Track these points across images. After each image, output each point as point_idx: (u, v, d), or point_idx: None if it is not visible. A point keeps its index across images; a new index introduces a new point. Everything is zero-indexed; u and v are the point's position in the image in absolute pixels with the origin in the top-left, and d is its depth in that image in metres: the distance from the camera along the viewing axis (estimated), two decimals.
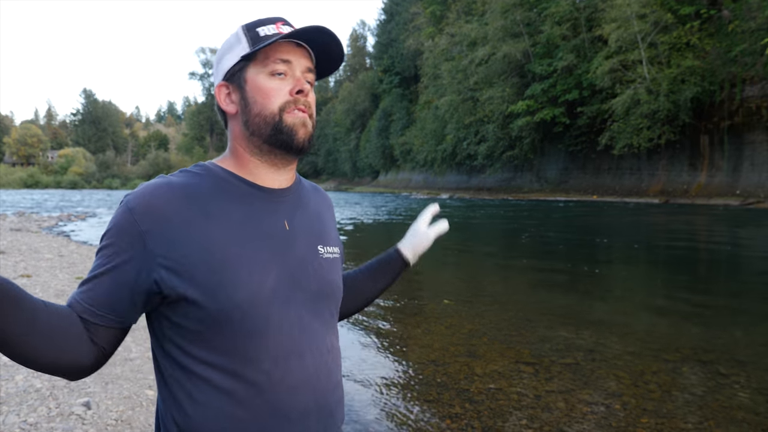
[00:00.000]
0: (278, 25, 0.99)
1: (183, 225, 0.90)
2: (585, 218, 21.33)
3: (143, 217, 0.89)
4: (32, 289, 6.56)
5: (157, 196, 0.91)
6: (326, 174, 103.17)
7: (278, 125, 0.96)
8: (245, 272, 0.91)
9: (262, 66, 0.97)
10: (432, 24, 61.89)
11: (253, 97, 0.97)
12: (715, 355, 4.48)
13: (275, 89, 0.97)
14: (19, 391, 3.31)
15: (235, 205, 0.96)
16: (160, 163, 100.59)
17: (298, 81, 0.98)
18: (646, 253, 11.59)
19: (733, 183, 30.52)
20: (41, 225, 17.75)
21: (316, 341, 0.99)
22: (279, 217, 1.00)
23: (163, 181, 0.94)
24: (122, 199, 0.93)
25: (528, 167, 47.88)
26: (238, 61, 0.98)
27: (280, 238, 0.98)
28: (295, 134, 0.97)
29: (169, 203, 0.91)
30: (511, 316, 5.88)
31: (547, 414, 3.39)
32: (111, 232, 0.91)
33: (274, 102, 0.97)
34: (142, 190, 0.92)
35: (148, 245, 0.88)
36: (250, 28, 0.99)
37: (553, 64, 41.26)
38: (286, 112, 0.97)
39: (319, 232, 1.07)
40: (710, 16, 33.14)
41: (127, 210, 0.90)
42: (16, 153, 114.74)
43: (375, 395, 3.81)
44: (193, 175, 0.98)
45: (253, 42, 0.97)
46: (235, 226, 0.93)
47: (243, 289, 0.90)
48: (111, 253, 0.90)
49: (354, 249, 12.19)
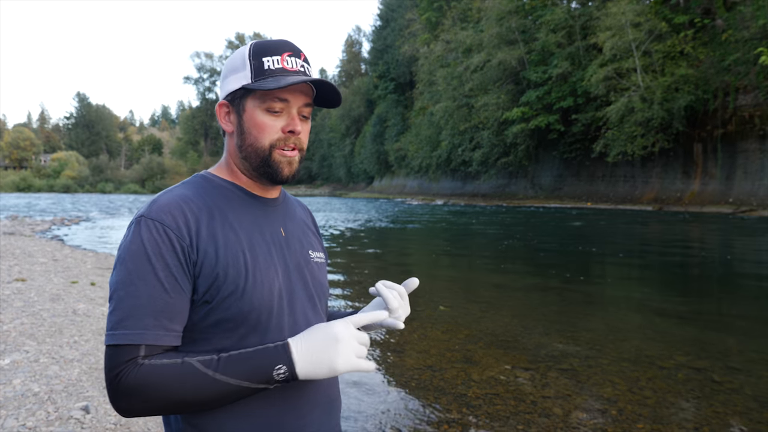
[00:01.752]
0: (284, 57, 1.00)
1: (211, 236, 0.95)
2: (579, 225, 21.42)
3: (179, 232, 0.92)
4: (27, 293, 6.54)
5: (183, 210, 0.95)
6: (321, 179, 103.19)
7: (266, 159, 1.01)
8: (259, 277, 0.97)
9: (260, 101, 1.00)
10: (427, 30, 62.18)
11: (249, 129, 1.01)
12: (709, 362, 4.52)
13: (269, 126, 1.00)
14: (17, 395, 3.31)
15: (243, 214, 1.01)
16: (153, 167, 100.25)
17: (292, 120, 1.01)
18: (640, 261, 11.66)
19: (726, 191, 30.75)
20: (34, 229, 17.66)
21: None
22: (276, 224, 1.07)
23: (179, 196, 0.97)
24: (137, 217, 0.94)
25: (522, 174, 48.08)
26: (239, 87, 1.00)
27: (280, 243, 1.05)
28: (280, 172, 1.02)
29: (194, 216, 0.95)
30: (507, 322, 5.91)
31: (543, 419, 3.41)
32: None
33: (267, 138, 1.00)
34: (164, 205, 0.94)
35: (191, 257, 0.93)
36: (256, 55, 1.00)
37: (548, 71, 41.54)
38: (276, 149, 1.01)
39: (307, 238, 1.14)
40: (704, 25, 33.50)
41: (159, 225, 0.92)
42: (9, 156, 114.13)
43: (372, 400, 3.82)
44: (199, 185, 1.02)
45: (256, 73, 0.99)
46: (247, 233, 0.99)
47: (259, 292, 0.96)
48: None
49: (345, 257, 12.20)
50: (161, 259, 0.90)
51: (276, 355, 0.88)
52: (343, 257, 11.66)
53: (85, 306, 5.98)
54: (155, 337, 0.88)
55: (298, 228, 1.13)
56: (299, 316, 1.02)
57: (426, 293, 7.54)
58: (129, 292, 0.88)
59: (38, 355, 4.14)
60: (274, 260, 1.01)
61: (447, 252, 13.01)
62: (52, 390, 3.42)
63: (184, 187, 1.01)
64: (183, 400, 0.86)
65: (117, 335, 0.87)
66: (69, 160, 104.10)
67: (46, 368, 3.84)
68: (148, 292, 0.88)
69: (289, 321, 1.00)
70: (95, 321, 5.37)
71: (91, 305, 6.06)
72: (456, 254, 12.53)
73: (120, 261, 0.91)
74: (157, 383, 0.85)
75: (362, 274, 9.41)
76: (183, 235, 0.92)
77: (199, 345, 0.94)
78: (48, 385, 3.51)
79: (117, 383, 0.86)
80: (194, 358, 0.87)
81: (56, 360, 4.05)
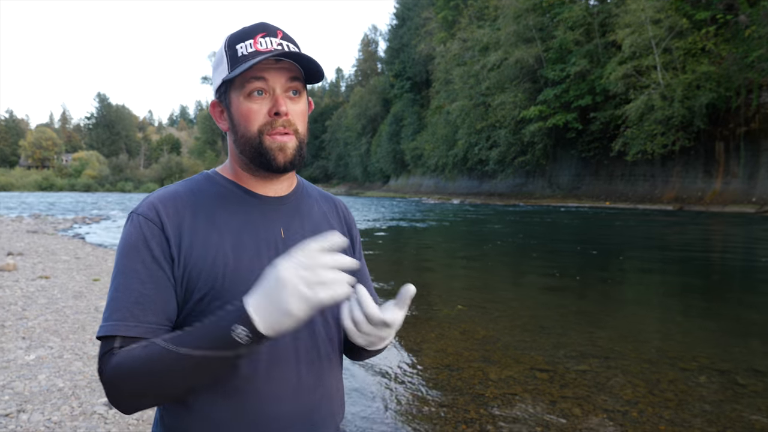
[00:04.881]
0: (257, 39, 0.96)
1: (191, 233, 0.94)
2: (598, 225, 21.21)
3: (161, 226, 0.93)
4: (51, 290, 6.66)
5: (167, 205, 0.96)
6: (337, 178, 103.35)
7: (259, 148, 0.97)
8: (238, 278, 0.93)
9: (240, 88, 0.97)
10: (444, 29, 61.91)
11: (238, 120, 0.98)
12: (732, 364, 4.44)
13: (254, 111, 0.96)
14: (43, 390, 3.37)
15: (234, 214, 0.99)
16: (172, 166, 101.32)
17: (276, 100, 0.96)
18: (660, 261, 11.50)
19: (749, 190, 30.18)
20: (57, 227, 17.97)
21: (305, 351, 0.99)
22: (275, 224, 1.02)
23: (168, 192, 0.99)
24: (130, 213, 0.97)
25: (540, 173, 47.68)
26: (221, 83, 0.99)
27: (276, 244, 1.00)
28: (274, 159, 0.97)
29: (178, 213, 0.95)
30: (524, 322, 5.87)
31: (562, 420, 3.38)
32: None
33: (254, 125, 0.97)
34: (152, 200, 0.97)
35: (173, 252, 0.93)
36: (230, 45, 0.98)
37: (565, 69, 41.12)
38: (265, 135, 0.97)
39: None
40: (726, 21, 32.86)
41: (143, 219, 0.94)
42: (32, 156, 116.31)
43: (389, 399, 3.83)
44: (195, 182, 1.03)
45: (232, 63, 0.97)
46: (234, 234, 0.97)
47: (235, 294, 0.90)
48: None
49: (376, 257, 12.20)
50: (140, 252, 0.91)
51: (233, 315, 0.80)
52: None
53: None
54: (126, 329, 0.87)
55: (311, 226, 1.07)
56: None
57: (444, 292, 7.53)
58: (114, 286, 0.91)
59: (62, 351, 4.22)
60: (262, 262, 0.95)
61: (464, 251, 12.96)
62: (75, 385, 3.49)
63: (180, 184, 1.02)
64: (159, 383, 0.83)
65: (101, 327, 0.89)
66: (90, 160, 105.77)
67: (69, 364, 3.91)
68: (126, 285, 0.90)
69: None
70: None
71: None
72: (473, 253, 12.48)
73: (115, 256, 0.95)
74: (128, 368, 0.83)
75: (379, 273, 9.42)
76: (163, 230, 0.92)
77: None
78: (72, 380, 3.57)
79: (101, 374, 0.87)
80: (160, 338, 0.85)
81: (79, 356, 4.13)
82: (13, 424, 2.88)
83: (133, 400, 0.86)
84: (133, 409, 0.87)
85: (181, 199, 0.97)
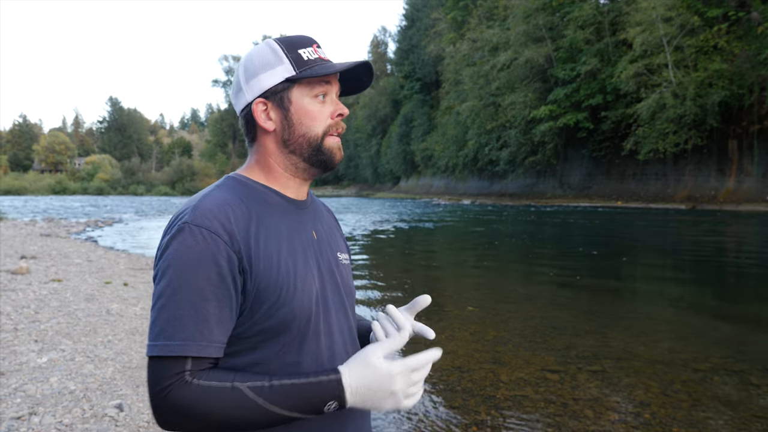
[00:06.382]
0: (315, 47, 1.03)
1: (256, 244, 0.93)
2: (609, 225, 21.05)
3: (227, 239, 0.90)
4: (63, 293, 6.71)
5: (228, 216, 0.92)
6: (347, 180, 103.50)
7: (320, 147, 1.02)
8: (300, 284, 0.95)
9: (308, 89, 1.00)
10: (453, 29, 61.81)
11: (299, 119, 1.00)
12: (747, 364, 4.38)
13: (320, 112, 1.01)
14: (54, 393, 3.40)
15: (281, 219, 1.00)
16: (183, 169, 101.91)
17: (338, 105, 1.04)
18: (673, 261, 11.39)
19: (763, 189, 29.81)
20: (70, 230, 18.15)
21: (352, 340, 1.08)
22: (308, 227, 1.05)
23: (220, 200, 0.94)
24: (181, 224, 0.90)
25: (551, 173, 47.42)
26: (281, 81, 1.00)
27: (313, 246, 1.03)
28: (334, 157, 1.04)
29: (239, 223, 0.92)
30: (536, 323, 5.83)
31: (574, 422, 3.35)
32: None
33: (319, 125, 1.01)
34: (207, 210, 0.91)
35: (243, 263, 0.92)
36: (290, 49, 1.00)
37: (576, 68, 40.90)
38: (327, 135, 1.02)
39: (335, 239, 1.13)
40: (738, 18, 32.52)
41: (205, 232, 0.89)
42: (45, 160, 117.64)
43: None
44: (234, 189, 0.98)
45: (297, 64, 0.99)
46: (286, 240, 0.98)
47: (299, 300, 0.94)
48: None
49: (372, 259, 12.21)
50: (205, 268, 0.87)
51: (330, 391, 0.89)
52: (370, 256, 11.67)
53: (119, 306, 6.12)
54: (198, 349, 0.85)
55: (327, 229, 1.12)
56: (333, 321, 1.02)
57: (454, 293, 7.50)
58: (173, 302, 0.86)
59: (74, 354, 4.25)
60: (310, 265, 0.99)
61: (475, 251, 12.91)
62: (87, 388, 3.51)
63: (221, 190, 0.97)
64: (230, 425, 0.85)
65: (158, 346, 0.85)
66: (102, 163, 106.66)
67: (81, 367, 3.94)
68: (192, 302, 0.86)
69: (324, 327, 0.99)
70: (128, 321, 5.49)
71: (124, 305, 6.19)
72: (484, 254, 12.43)
73: (163, 270, 0.88)
74: (206, 406, 0.84)
75: (390, 274, 9.41)
76: (231, 243, 0.89)
77: (242, 355, 0.92)
78: (83, 383, 3.60)
79: (164, 398, 0.84)
80: (245, 384, 0.85)
81: (91, 359, 4.15)
82: (25, 427, 2.91)
83: (187, 426, 0.86)
84: (178, 430, 0.87)
85: (238, 207, 0.94)
